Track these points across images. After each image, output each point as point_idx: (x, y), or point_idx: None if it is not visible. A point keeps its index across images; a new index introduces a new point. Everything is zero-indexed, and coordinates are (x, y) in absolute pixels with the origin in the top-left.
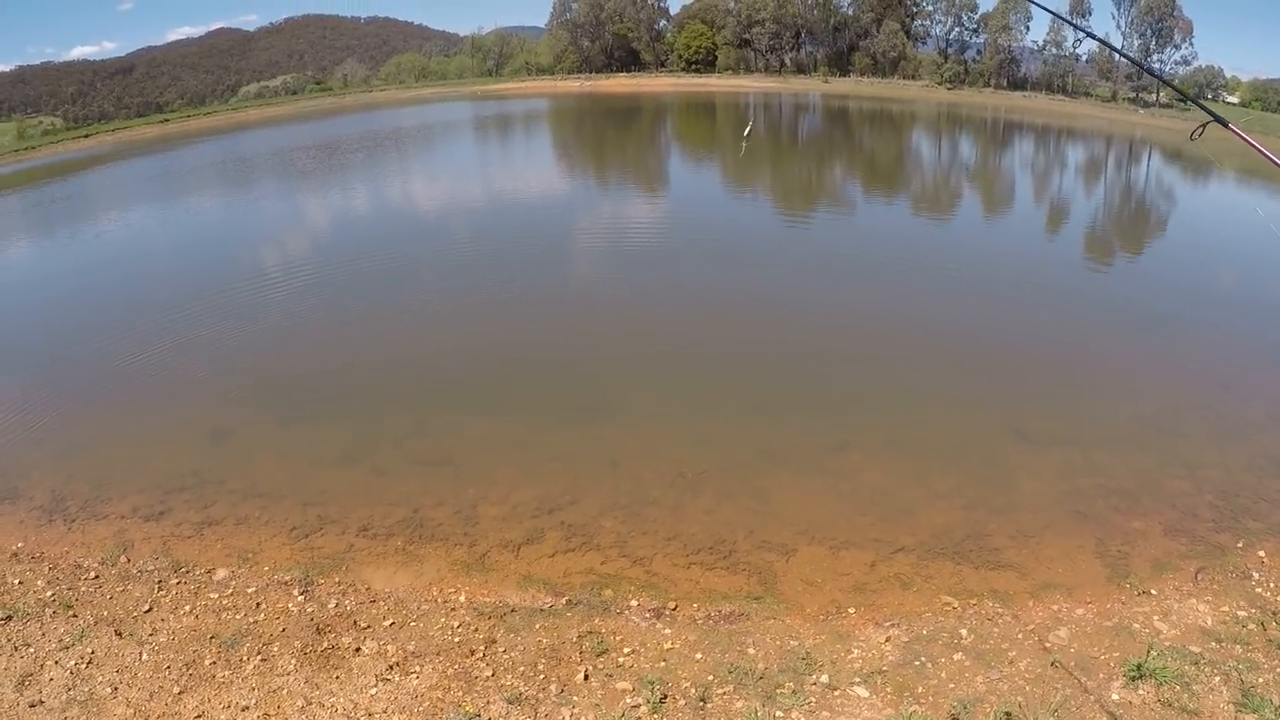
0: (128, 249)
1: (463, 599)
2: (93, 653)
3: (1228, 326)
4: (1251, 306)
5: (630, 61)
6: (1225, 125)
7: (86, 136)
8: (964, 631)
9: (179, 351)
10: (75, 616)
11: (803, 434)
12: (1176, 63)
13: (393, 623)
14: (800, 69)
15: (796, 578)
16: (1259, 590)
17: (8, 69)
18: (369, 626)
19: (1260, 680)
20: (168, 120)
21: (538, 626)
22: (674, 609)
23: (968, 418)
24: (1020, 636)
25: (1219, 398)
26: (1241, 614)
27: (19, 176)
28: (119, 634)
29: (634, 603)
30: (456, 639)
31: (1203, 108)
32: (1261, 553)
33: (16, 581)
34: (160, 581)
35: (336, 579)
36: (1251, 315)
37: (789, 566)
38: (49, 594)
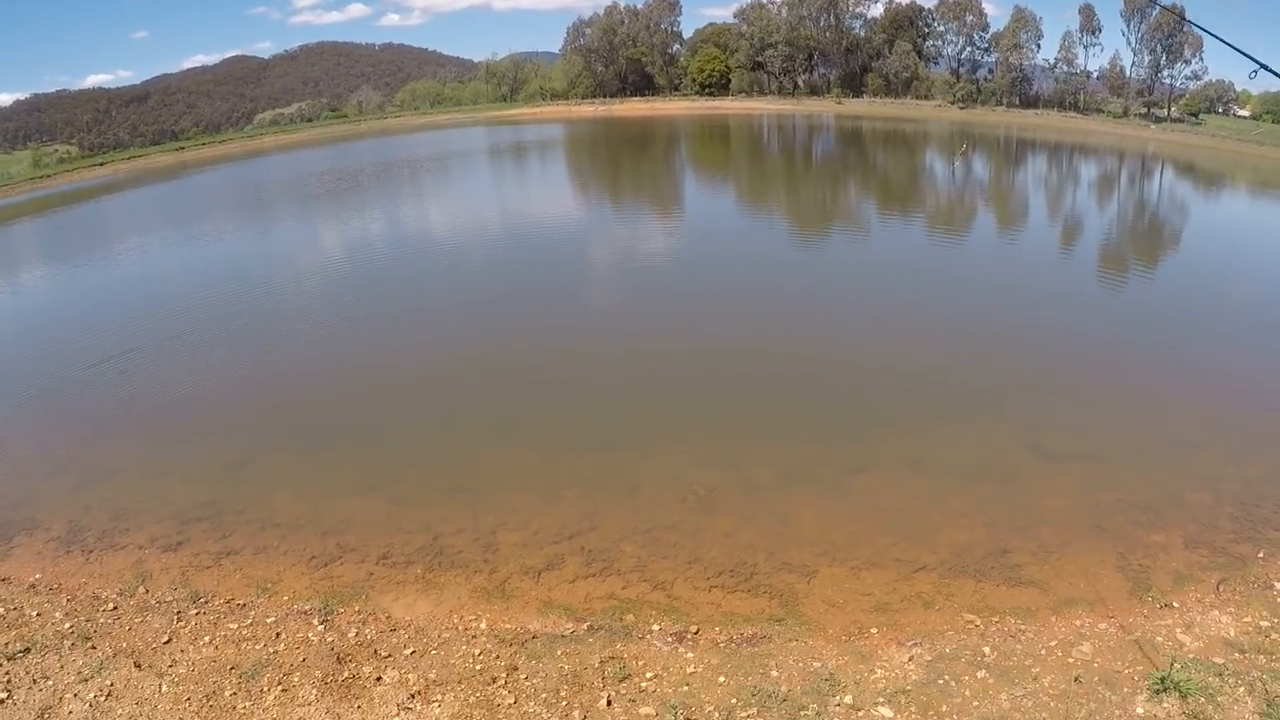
0: (144, 276)
1: (483, 626)
2: (112, 685)
3: (1245, 340)
4: (1269, 320)
5: (644, 85)
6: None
7: (102, 165)
8: (987, 649)
9: (196, 379)
10: (94, 648)
11: (822, 454)
12: (1187, 78)
13: (413, 651)
14: (813, 91)
15: (818, 599)
16: None
17: (24, 97)
18: (390, 655)
19: None
20: (183, 148)
21: (559, 653)
22: (696, 633)
23: (987, 435)
24: (1043, 653)
25: (1238, 410)
26: (1264, 624)
27: (34, 204)
28: (138, 666)
29: (656, 627)
30: (478, 666)
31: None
32: None
33: (34, 613)
34: (179, 612)
35: (356, 608)
36: (1269, 328)
37: (810, 588)
38: (67, 625)
